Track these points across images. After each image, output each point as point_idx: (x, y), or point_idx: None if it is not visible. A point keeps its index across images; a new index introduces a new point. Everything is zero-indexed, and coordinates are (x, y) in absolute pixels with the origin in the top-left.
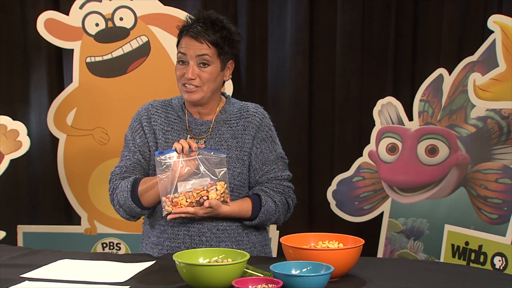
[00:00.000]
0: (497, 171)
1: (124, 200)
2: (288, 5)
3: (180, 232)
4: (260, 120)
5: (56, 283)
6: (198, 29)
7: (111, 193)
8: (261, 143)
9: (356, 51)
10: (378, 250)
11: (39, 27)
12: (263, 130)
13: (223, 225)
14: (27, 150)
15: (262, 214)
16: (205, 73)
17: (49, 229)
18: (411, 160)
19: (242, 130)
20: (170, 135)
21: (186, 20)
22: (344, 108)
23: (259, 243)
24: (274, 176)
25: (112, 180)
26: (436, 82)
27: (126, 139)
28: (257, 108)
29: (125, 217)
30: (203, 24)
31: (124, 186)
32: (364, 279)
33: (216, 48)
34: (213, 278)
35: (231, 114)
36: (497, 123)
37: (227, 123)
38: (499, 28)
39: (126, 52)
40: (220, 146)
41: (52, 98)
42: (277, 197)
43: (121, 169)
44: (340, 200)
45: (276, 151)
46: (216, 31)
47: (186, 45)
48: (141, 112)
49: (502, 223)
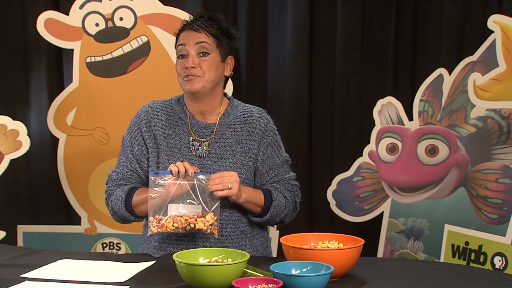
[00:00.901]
0: (497, 171)
1: (118, 208)
2: (288, 5)
3: (184, 239)
4: (265, 126)
5: (56, 283)
6: (196, 21)
7: (106, 197)
8: (267, 148)
9: (356, 51)
10: (378, 250)
11: (39, 27)
12: (268, 135)
13: (227, 231)
14: (27, 150)
15: (273, 208)
16: (205, 62)
17: (49, 229)
18: (411, 160)
19: (247, 135)
20: (172, 139)
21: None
22: (344, 108)
23: (261, 245)
24: (282, 178)
25: (108, 184)
26: (436, 82)
27: (124, 143)
28: (261, 112)
29: (119, 221)
30: (201, 18)
31: (119, 195)
32: (364, 279)
33: (215, 39)
34: (213, 278)
35: (234, 117)
36: (497, 123)
37: (231, 127)
38: (499, 28)
39: (126, 52)
40: (224, 151)
41: (52, 98)
42: (287, 194)
43: (118, 175)
44: (340, 200)
45: (282, 155)
46: (213, 24)
47: (184, 37)
48: (141, 115)
49: (502, 223)
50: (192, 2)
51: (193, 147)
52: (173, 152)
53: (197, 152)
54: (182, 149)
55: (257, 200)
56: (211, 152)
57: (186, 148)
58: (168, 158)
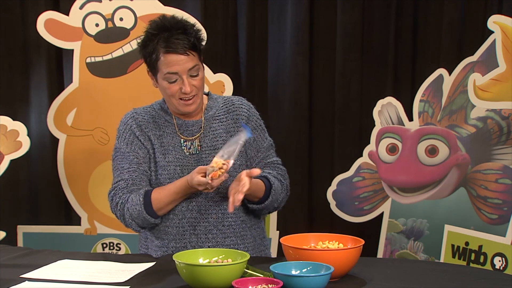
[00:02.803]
0: (497, 171)
1: (137, 213)
2: (288, 5)
3: (186, 232)
4: (247, 111)
5: (56, 284)
6: (178, 42)
7: (119, 208)
8: (253, 132)
9: (356, 51)
10: (378, 250)
11: (39, 27)
12: (252, 119)
13: (229, 221)
14: (27, 151)
15: (273, 191)
16: (197, 81)
17: (49, 229)
18: (411, 161)
19: (233, 123)
20: (164, 138)
21: (149, 31)
22: (344, 108)
23: (258, 236)
24: (271, 161)
25: (118, 194)
26: (436, 82)
27: (120, 151)
28: (241, 100)
29: (136, 229)
30: (178, 34)
31: (136, 200)
32: (364, 279)
33: (197, 52)
34: (213, 279)
35: (217, 109)
36: (497, 123)
37: (216, 119)
38: (499, 29)
39: (126, 52)
40: (216, 142)
41: (52, 98)
42: (281, 178)
43: (126, 182)
44: (340, 200)
45: (267, 138)
46: (190, 35)
47: (173, 63)
48: (128, 121)
49: (502, 224)
50: (192, 2)
51: (185, 147)
52: (168, 150)
53: (190, 150)
54: (175, 147)
55: (258, 187)
56: (203, 146)
57: (178, 147)
58: (164, 157)
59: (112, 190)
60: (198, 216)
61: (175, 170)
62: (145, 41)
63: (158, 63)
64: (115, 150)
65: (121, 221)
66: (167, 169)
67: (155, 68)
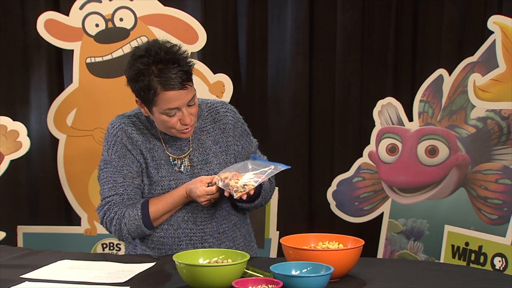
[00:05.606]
0: (497, 172)
1: (135, 228)
2: (288, 5)
3: (182, 242)
4: (233, 118)
5: (56, 284)
6: (175, 78)
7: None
8: (240, 139)
9: (356, 52)
10: (378, 250)
11: (39, 27)
12: (238, 126)
13: (223, 227)
14: (27, 151)
15: (263, 191)
16: (194, 108)
17: (49, 230)
18: (411, 161)
19: (220, 133)
20: (155, 152)
21: (138, 64)
22: (344, 108)
23: (247, 233)
24: None
25: (112, 209)
26: (436, 82)
27: (112, 164)
28: (225, 106)
29: (130, 241)
30: (172, 69)
31: (133, 215)
32: (364, 280)
33: (191, 80)
34: (213, 279)
35: (203, 119)
36: (497, 123)
37: (203, 130)
38: (499, 29)
39: (126, 52)
40: (206, 156)
41: (52, 98)
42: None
43: (121, 197)
44: (340, 200)
45: (253, 141)
46: (183, 66)
47: (174, 99)
48: (118, 133)
49: (502, 224)
50: (192, 2)
51: (176, 166)
52: (160, 164)
53: (180, 169)
54: (167, 162)
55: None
56: (194, 161)
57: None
58: (157, 172)
59: (105, 205)
60: (193, 227)
61: (169, 185)
62: (136, 75)
63: (156, 99)
64: (104, 161)
65: (115, 235)
66: (161, 184)
67: (151, 102)
